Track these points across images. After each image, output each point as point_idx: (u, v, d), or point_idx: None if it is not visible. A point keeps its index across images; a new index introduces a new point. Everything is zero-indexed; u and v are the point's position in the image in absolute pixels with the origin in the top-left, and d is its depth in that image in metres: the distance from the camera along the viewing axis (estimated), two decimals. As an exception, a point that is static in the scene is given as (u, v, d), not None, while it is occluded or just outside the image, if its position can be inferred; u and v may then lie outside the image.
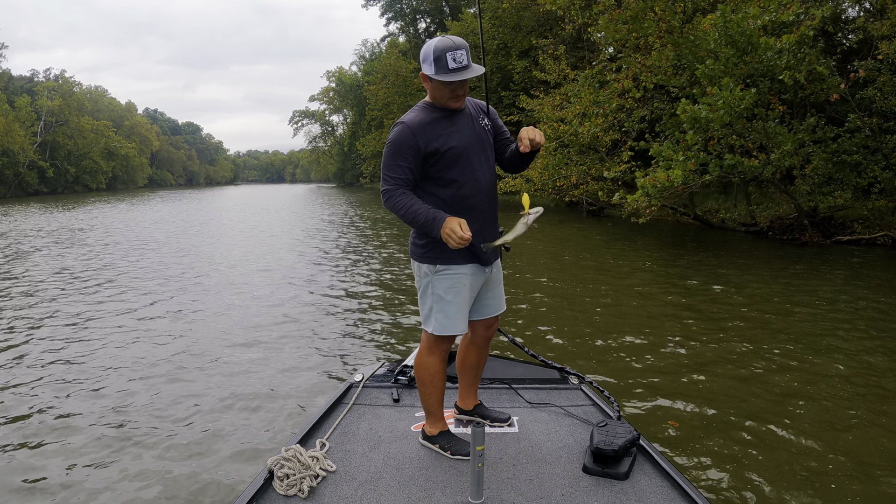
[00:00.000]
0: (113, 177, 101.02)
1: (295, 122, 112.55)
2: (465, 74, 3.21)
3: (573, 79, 25.65)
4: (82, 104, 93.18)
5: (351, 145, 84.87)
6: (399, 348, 7.65)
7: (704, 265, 13.47)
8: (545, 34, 32.45)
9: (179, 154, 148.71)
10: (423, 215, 3.23)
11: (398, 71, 52.08)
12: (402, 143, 3.28)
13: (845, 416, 5.38)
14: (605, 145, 22.19)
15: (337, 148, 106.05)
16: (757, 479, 4.34)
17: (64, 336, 8.30)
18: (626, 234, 20.68)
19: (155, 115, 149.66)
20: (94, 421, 5.48)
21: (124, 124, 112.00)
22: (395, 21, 62.45)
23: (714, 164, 14.83)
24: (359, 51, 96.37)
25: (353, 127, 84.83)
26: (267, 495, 3.11)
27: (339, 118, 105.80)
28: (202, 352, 7.53)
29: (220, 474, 4.55)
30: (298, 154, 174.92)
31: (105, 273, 13.38)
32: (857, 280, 11.67)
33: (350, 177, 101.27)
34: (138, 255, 16.20)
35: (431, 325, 3.50)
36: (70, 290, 11.38)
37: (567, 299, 10.32)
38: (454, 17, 47.90)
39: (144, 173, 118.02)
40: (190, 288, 11.64)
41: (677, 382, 6.28)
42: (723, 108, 13.76)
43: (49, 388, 6.29)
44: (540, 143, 3.29)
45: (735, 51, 14.71)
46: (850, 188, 16.59)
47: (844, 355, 7.09)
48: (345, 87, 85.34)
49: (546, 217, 26.24)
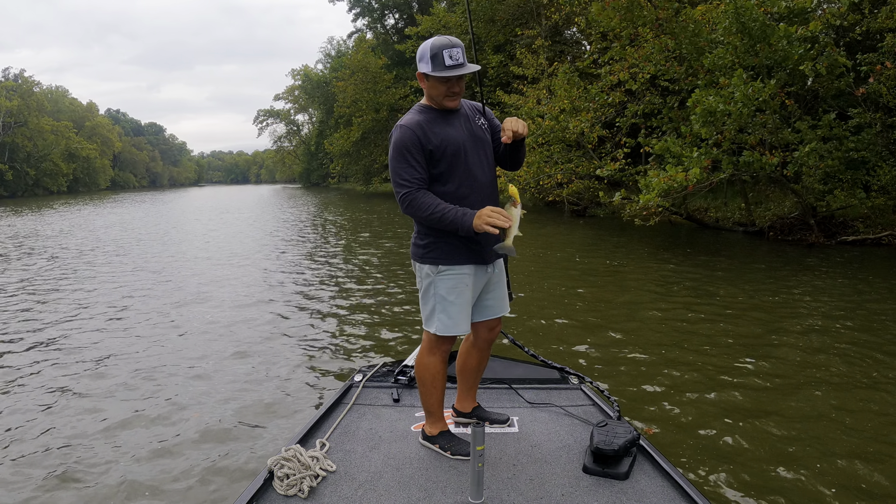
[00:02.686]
0: (74, 179, 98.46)
1: (259, 122, 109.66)
2: (461, 71, 3.22)
3: (551, 73, 24.56)
4: (42, 104, 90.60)
5: (318, 144, 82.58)
6: (399, 348, 7.57)
7: (704, 267, 12.80)
8: (521, 28, 31.10)
9: (142, 155, 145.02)
10: (451, 213, 3.20)
11: (367, 67, 50.04)
12: (407, 143, 3.28)
13: (848, 416, 5.29)
14: (591, 141, 20.77)
15: (302, 148, 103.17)
16: (757, 479, 4.31)
17: (39, 357, 7.51)
18: (615, 234, 19.86)
19: (117, 116, 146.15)
20: (93, 421, 5.45)
21: (85, 125, 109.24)
22: (363, 17, 60.30)
23: (727, 161, 13.48)
24: (325, 49, 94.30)
25: (321, 125, 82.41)
26: (267, 495, 3.08)
27: (305, 117, 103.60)
28: (200, 355, 7.36)
29: (219, 474, 4.51)
30: (263, 154, 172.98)
31: (74, 286, 11.89)
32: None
33: (316, 177, 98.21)
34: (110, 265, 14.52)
35: (434, 325, 3.47)
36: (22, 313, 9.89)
37: (566, 300, 10.14)
38: (423, 11, 46.24)
39: (106, 175, 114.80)
40: (183, 289, 11.50)
41: (678, 382, 6.20)
42: (741, 101, 12.39)
43: (44, 399, 6.05)
44: (522, 133, 3.30)
45: (748, 39, 13.37)
46: (859, 187, 15.53)
47: (856, 355, 6.93)
48: (312, 84, 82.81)
49: (529, 217, 25.27)
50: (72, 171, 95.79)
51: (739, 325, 8.30)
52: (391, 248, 17.45)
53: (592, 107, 19.06)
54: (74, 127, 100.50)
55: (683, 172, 12.30)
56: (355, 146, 55.11)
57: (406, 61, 49.48)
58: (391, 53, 51.93)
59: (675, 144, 13.62)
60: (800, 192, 16.18)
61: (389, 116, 49.95)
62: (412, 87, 46.86)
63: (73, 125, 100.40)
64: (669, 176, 12.30)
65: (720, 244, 16.72)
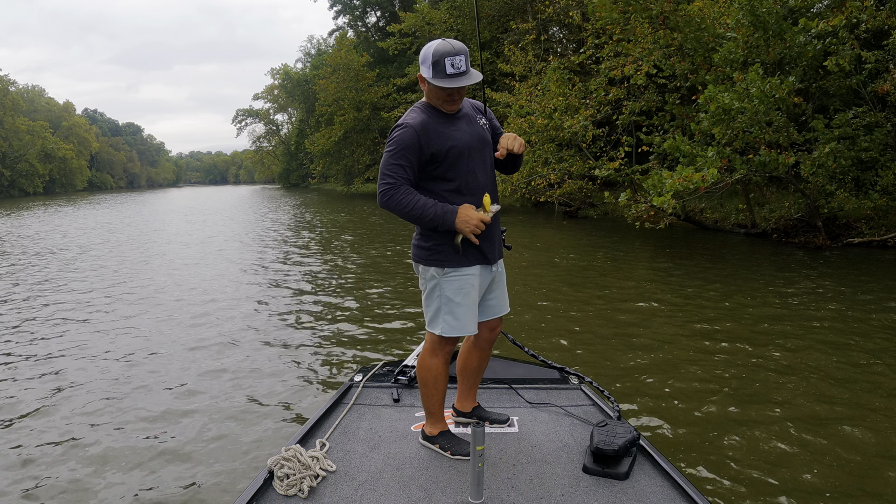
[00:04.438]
0: (50, 180, 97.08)
1: (238, 122, 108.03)
2: (463, 81, 3.15)
3: (539, 71, 23.80)
4: (18, 104, 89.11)
5: (297, 144, 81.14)
6: (399, 348, 7.50)
7: (708, 269, 12.28)
8: (508, 24, 30.30)
9: (120, 156, 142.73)
10: (431, 209, 3.19)
11: (350, 64, 48.60)
12: (405, 144, 3.21)
13: (849, 417, 5.24)
14: (585, 140, 19.93)
15: (282, 148, 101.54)
16: (757, 479, 4.28)
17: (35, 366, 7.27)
18: (610, 235, 19.30)
19: (94, 116, 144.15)
20: (92, 422, 5.43)
21: (62, 125, 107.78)
22: (344, 14, 59.05)
23: (739, 162, 12.65)
24: (304, 47, 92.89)
25: (301, 124, 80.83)
26: (267, 495, 3.03)
27: (284, 117, 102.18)
28: (199, 356, 7.32)
29: (219, 474, 4.49)
30: (242, 155, 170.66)
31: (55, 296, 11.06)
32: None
33: (296, 177, 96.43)
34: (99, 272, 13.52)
35: (439, 326, 3.40)
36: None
37: (565, 300, 10.01)
38: (406, 7, 45.24)
39: (83, 176, 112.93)
40: (180, 287, 11.47)
41: (678, 382, 6.13)
42: (758, 98, 11.56)
43: (41, 408, 5.86)
44: (517, 151, 3.37)
45: (761, 33, 12.54)
46: (871, 188, 14.91)
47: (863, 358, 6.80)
48: (292, 83, 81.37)
49: (521, 219, 25.96)
50: (48, 172, 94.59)
51: (741, 325, 8.14)
52: (390, 248, 17.28)
53: (591, 104, 18.19)
54: (51, 127, 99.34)
55: (699, 173, 11.42)
56: (337, 146, 53.52)
57: (388, 59, 48.50)
58: (373, 51, 50.90)
59: (684, 143, 12.76)
60: (808, 193, 15.41)
61: (372, 115, 48.83)
62: (395, 86, 45.80)
63: (50, 125, 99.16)
64: (684, 176, 11.39)
65: (723, 246, 16.07)
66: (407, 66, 42.08)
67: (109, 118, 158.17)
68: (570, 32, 29.25)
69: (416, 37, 40.13)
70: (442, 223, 3.17)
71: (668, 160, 17.05)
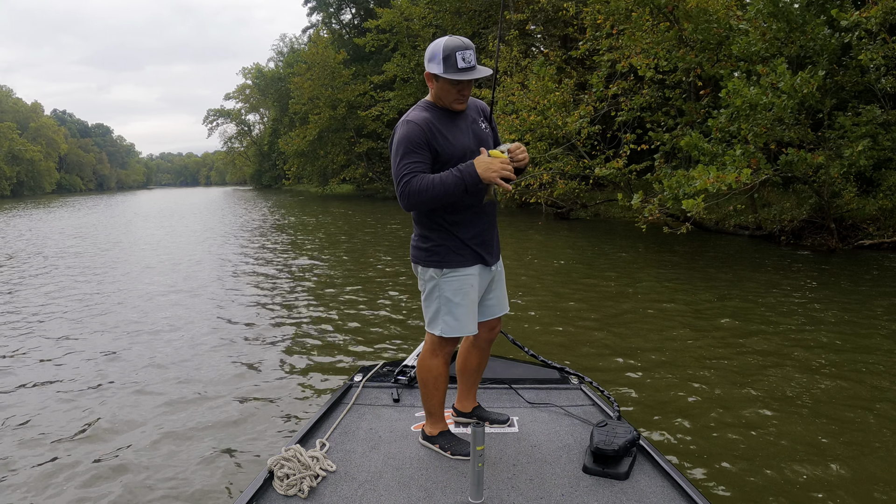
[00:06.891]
0: (18, 182, 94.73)
1: (209, 122, 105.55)
2: (474, 74, 3.09)
3: (524, 67, 22.90)
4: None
5: (270, 144, 79.41)
6: (399, 348, 7.48)
7: (711, 272, 11.92)
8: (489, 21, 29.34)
9: (89, 157, 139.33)
10: (450, 177, 3.02)
11: (325, 62, 46.79)
12: (415, 139, 3.10)
13: (850, 419, 5.15)
14: (581, 138, 18.91)
15: (254, 148, 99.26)
16: (757, 479, 4.22)
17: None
18: (606, 237, 18.83)
19: (63, 117, 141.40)
20: (92, 423, 5.38)
21: (30, 126, 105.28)
22: (318, 11, 57.37)
23: (764, 161, 11.67)
24: (277, 46, 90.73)
25: (274, 124, 78.97)
26: (267, 495, 3.00)
27: (256, 117, 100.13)
28: (199, 357, 7.27)
29: (219, 475, 4.45)
30: (213, 156, 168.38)
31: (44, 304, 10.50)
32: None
33: (268, 178, 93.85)
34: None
35: (439, 327, 3.34)
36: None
37: (565, 300, 9.91)
38: (382, 3, 43.91)
39: (52, 178, 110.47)
40: (179, 291, 11.41)
41: (678, 382, 6.06)
42: (787, 92, 10.58)
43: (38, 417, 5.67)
44: (521, 166, 3.21)
45: (784, 25, 11.57)
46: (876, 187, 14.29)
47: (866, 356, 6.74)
48: (265, 82, 79.47)
49: (514, 220, 25.30)
50: (15, 175, 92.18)
51: (743, 326, 8.06)
52: (390, 249, 17.07)
53: (590, 100, 17.18)
54: (18, 128, 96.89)
55: (734, 173, 10.37)
56: (312, 145, 51.90)
57: (365, 57, 47.19)
58: (349, 48, 49.54)
59: (702, 140, 11.75)
60: (822, 193, 14.53)
61: (348, 113, 47.39)
62: (372, 84, 44.50)
63: (17, 126, 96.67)
64: (717, 177, 10.32)
65: (727, 249, 15.37)
66: (384, 63, 40.75)
67: (79, 119, 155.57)
68: (553, 27, 28.32)
69: (393, 33, 39.01)
70: (470, 182, 2.98)
71: (675, 158, 16.11)
